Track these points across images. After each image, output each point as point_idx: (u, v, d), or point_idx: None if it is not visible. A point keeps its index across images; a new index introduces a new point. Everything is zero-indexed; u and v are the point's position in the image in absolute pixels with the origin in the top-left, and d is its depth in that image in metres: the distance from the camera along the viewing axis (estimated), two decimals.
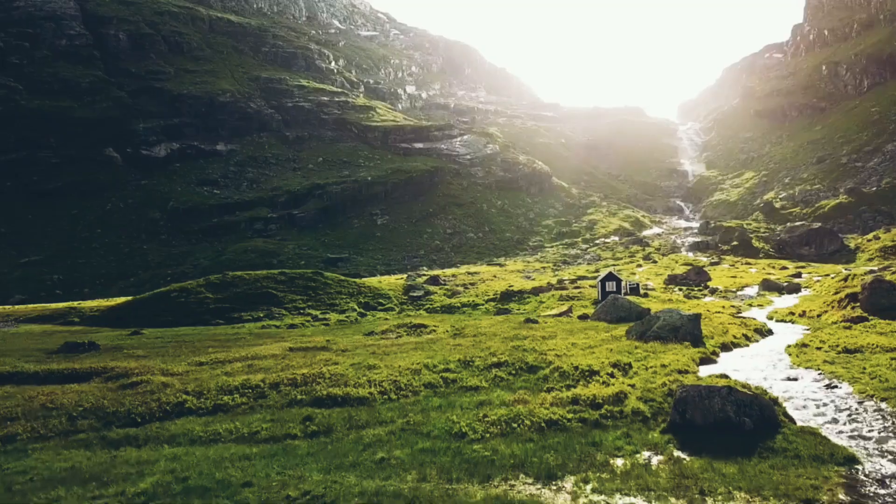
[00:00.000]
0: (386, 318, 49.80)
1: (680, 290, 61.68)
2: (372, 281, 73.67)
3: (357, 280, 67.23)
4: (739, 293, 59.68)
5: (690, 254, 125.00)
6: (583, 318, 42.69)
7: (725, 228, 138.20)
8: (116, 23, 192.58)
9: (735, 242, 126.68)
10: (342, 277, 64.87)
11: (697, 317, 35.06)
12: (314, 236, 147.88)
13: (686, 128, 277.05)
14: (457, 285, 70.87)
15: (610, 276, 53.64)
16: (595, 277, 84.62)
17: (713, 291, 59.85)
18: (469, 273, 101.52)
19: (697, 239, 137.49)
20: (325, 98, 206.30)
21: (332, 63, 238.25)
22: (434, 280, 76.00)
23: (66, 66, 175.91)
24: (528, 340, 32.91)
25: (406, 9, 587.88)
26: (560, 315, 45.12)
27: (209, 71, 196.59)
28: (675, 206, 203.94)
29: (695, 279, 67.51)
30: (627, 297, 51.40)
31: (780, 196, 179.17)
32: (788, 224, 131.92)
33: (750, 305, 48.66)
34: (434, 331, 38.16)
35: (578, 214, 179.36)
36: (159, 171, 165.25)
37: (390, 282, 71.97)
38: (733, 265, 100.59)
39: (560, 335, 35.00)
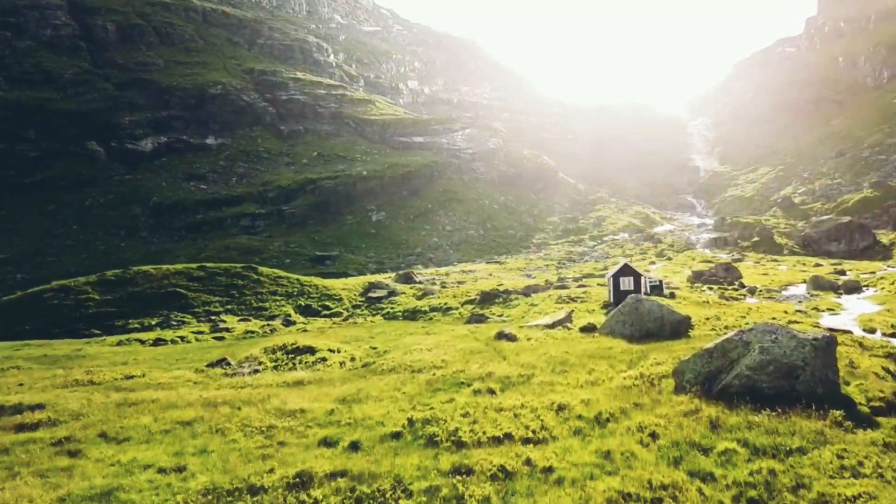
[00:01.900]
0: (322, 328, 37.93)
1: (710, 289, 50.07)
2: (336, 282, 61.28)
3: (303, 278, 55.80)
4: (785, 293, 48.19)
5: (707, 250, 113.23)
6: (587, 330, 29.83)
7: (744, 224, 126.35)
8: (104, 13, 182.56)
9: (756, 238, 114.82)
10: (284, 274, 53.52)
11: (829, 344, 17.21)
12: (304, 233, 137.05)
13: (696, 123, 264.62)
14: (433, 284, 59.55)
15: (625, 270, 40.64)
16: (603, 275, 73.06)
17: (752, 291, 48.20)
18: (464, 271, 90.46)
19: (714, 235, 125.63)
20: (322, 91, 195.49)
21: (331, 56, 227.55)
22: (407, 278, 64.78)
23: (49, 56, 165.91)
24: (466, 395, 18.97)
25: (410, 6, 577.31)
26: (554, 326, 31.71)
27: (201, 63, 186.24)
28: (687, 202, 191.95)
29: (724, 276, 56.20)
30: (649, 297, 40.30)
31: (799, 191, 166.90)
32: (814, 219, 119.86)
33: (817, 310, 36.74)
34: (324, 361, 25.54)
35: (585, 211, 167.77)
36: (145, 165, 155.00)
37: (349, 281, 60.41)
38: (758, 262, 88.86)
39: (540, 372, 21.39)
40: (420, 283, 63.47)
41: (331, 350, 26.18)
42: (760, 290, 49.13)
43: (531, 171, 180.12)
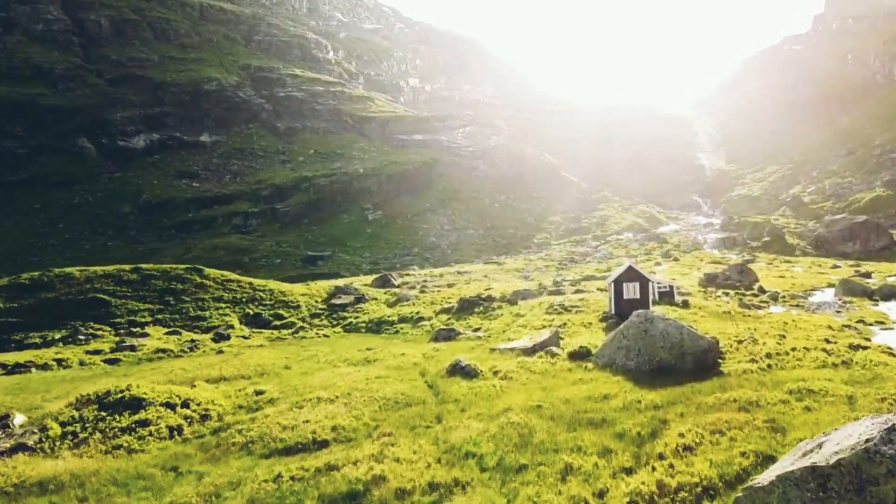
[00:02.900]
0: (252, 345, 32.04)
1: (726, 294, 44.04)
2: (297, 287, 53.22)
3: (257, 282, 49.58)
4: (812, 300, 42.19)
5: (715, 251, 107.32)
6: (578, 356, 22.75)
7: (753, 224, 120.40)
8: (98, 7, 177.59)
9: (766, 238, 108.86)
10: (234, 277, 47.42)
11: None
12: (297, 232, 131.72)
13: (702, 121, 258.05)
14: (412, 288, 53.53)
15: (629, 274, 33.50)
16: (606, 277, 67.34)
17: (775, 298, 42.14)
18: (459, 272, 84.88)
19: (722, 235, 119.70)
20: (320, 88, 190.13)
21: (331, 53, 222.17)
22: (384, 281, 59.03)
23: (40, 51, 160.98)
24: None
25: (412, 4, 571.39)
26: (534, 350, 23.53)
27: (196, 59, 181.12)
28: (692, 201, 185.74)
29: (739, 279, 50.44)
30: (658, 305, 34.03)
31: (809, 190, 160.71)
32: (827, 218, 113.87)
33: (863, 323, 30.37)
34: (147, 424, 17.28)
35: (588, 210, 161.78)
36: (136, 163, 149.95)
37: (314, 286, 54.02)
38: (771, 263, 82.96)
39: (478, 476, 13.12)
40: (398, 286, 57.54)
41: (170, 405, 18.24)
42: (783, 297, 43.17)
43: (533, 170, 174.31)
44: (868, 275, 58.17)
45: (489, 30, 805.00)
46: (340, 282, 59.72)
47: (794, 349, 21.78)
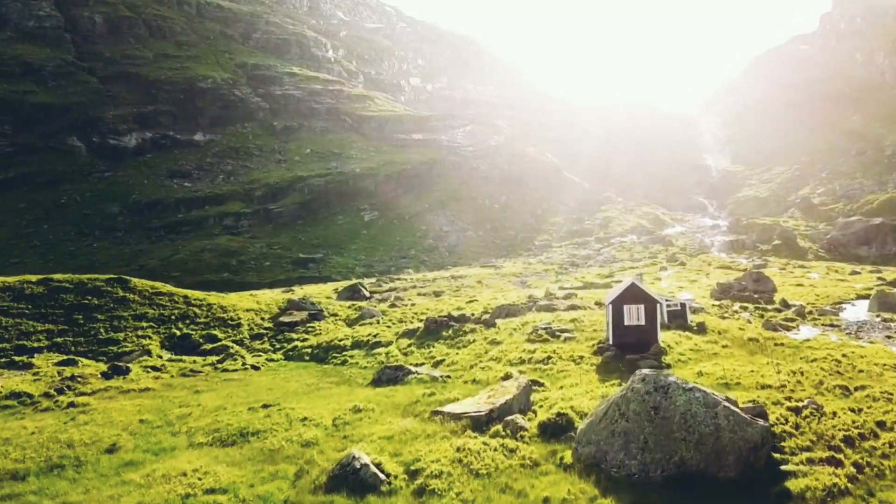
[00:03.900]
0: (143, 386, 25.18)
1: (744, 308, 38.15)
2: (243, 300, 44.45)
3: (196, 294, 43.15)
4: (845, 316, 36.29)
5: (724, 254, 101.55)
6: (554, 432, 15.69)
7: (762, 226, 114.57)
8: (92, 4, 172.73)
9: (777, 242, 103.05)
10: (165, 290, 41.00)
11: None
12: (290, 234, 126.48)
13: (707, 121, 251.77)
14: (382, 301, 47.52)
15: (631, 294, 26.21)
16: (608, 285, 61.59)
17: (802, 314, 35.91)
18: (452, 277, 79.46)
19: (730, 238, 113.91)
20: (318, 87, 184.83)
21: (330, 52, 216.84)
22: (353, 292, 53.08)
23: (31, 48, 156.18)
24: None
25: (415, 3, 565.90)
26: (491, 419, 16.15)
27: (192, 57, 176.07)
28: (698, 202, 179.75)
29: (756, 290, 44.79)
30: (668, 330, 28.04)
31: (818, 191, 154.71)
32: (841, 220, 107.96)
33: None
34: None
35: (591, 211, 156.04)
36: (127, 162, 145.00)
37: (265, 297, 47.72)
38: (784, 268, 77.22)
39: None
40: (368, 298, 51.73)
41: None
42: (811, 312, 37.40)
43: (534, 170, 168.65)
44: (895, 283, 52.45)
45: (492, 29, 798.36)
46: (301, 292, 53.17)
47: (882, 425, 15.06)
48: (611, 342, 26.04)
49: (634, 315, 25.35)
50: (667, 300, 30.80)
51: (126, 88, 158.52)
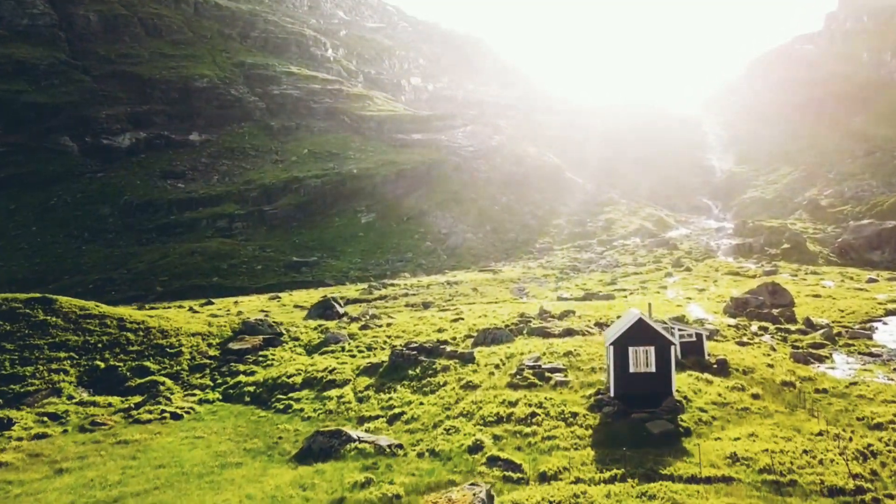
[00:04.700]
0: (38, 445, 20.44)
1: (763, 329, 33.54)
2: (189, 322, 39.67)
3: (135, 315, 37.93)
4: (878, 339, 31.82)
5: (731, 259, 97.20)
6: None
7: (770, 229, 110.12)
8: (87, 2, 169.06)
9: (786, 246, 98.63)
10: (97, 311, 35.43)
11: None
12: (284, 236, 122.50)
13: (710, 121, 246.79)
14: (352, 322, 42.32)
15: (639, 332, 20.90)
16: (610, 295, 57.29)
17: (831, 338, 31.05)
18: (447, 283, 75.37)
19: (736, 241, 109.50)
20: (317, 86, 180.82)
21: (329, 51, 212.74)
22: (324, 309, 47.98)
23: (24, 46, 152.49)
24: None
25: (417, 3, 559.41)
26: None
27: (189, 56, 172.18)
28: (702, 204, 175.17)
29: (774, 305, 40.30)
30: (682, 371, 23.33)
31: (826, 193, 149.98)
32: (852, 224, 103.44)
33: None
34: None
35: (594, 213, 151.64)
36: (120, 162, 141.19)
37: (215, 322, 41.57)
38: (796, 275, 72.86)
39: None
40: (341, 315, 46.91)
41: None
42: (840, 334, 32.91)
43: (536, 171, 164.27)
44: None
45: (495, 29, 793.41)
46: (289, 299, 47.86)
47: None
48: (612, 393, 21.01)
49: (642, 359, 20.38)
50: (679, 328, 26.11)
51: (120, 87, 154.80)
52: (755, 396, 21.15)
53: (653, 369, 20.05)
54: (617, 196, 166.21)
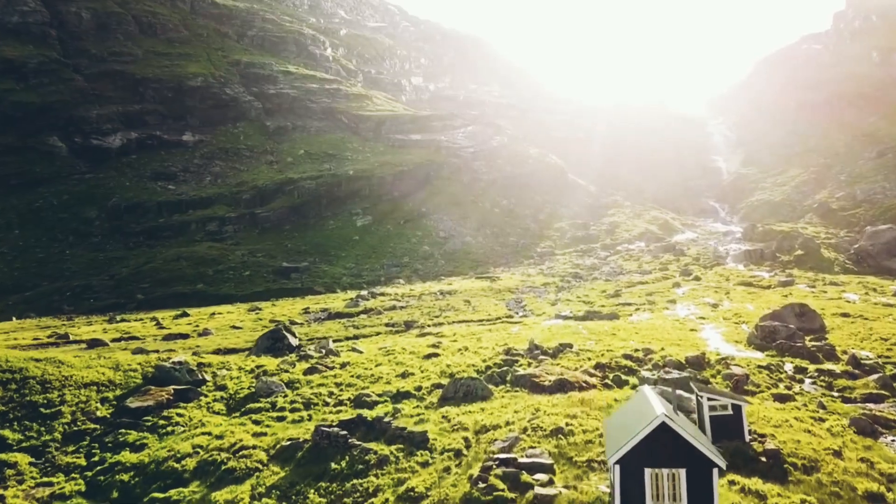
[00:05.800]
0: None
1: (801, 370, 27.65)
2: (94, 367, 32.55)
3: (11, 359, 31.21)
4: None
5: (741, 266, 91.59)
6: None
7: (781, 234, 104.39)
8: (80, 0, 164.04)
9: (799, 252, 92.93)
10: None
11: None
12: (276, 240, 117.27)
13: (716, 122, 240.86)
14: (311, 355, 35.27)
15: (661, 442, 12.94)
16: (614, 314, 51.79)
17: (887, 384, 25.53)
18: (441, 292, 70.04)
19: (746, 247, 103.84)
20: (314, 86, 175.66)
21: (328, 50, 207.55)
22: (273, 340, 40.34)
23: (13, 44, 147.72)
24: None
25: (419, 3, 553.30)
26: None
27: (183, 54, 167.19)
28: (709, 206, 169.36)
29: (801, 329, 34.95)
30: (723, 481, 15.75)
31: (837, 195, 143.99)
32: (869, 229, 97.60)
33: None
34: None
35: (598, 215, 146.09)
36: (110, 163, 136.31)
37: (126, 362, 33.05)
38: (813, 286, 67.25)
39: None
40: (295, 348, 39.69)
41: None
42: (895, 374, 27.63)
43: (537, 172, 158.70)
44: None
45: (497, 29, 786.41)
46: (271, 310, 40.22)
47: None
48: None
49: (667, 490, 12.45)
50: (710, 397, 18.78)
51: (112, 87, 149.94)
52: None
53: (685, 499, 13.24)
54: (621, 198, 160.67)
